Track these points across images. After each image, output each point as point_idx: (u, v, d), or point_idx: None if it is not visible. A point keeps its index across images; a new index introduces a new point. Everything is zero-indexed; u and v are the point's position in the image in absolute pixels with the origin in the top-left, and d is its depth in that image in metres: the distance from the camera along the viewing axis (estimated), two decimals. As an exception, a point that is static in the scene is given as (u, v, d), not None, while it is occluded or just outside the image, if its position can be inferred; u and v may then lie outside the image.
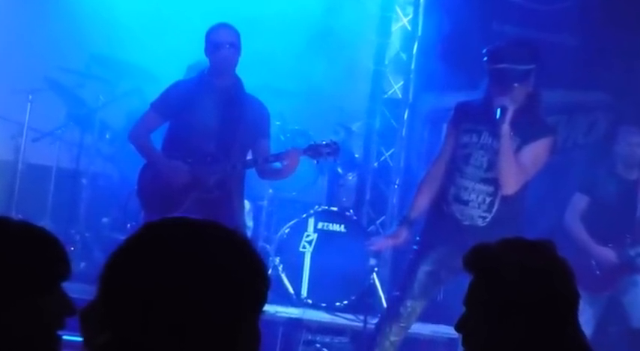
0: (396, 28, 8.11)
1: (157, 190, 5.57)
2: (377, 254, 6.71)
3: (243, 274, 1.62)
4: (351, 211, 7.37)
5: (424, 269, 5.18)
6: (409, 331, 5.40)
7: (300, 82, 7.43)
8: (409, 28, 7.95)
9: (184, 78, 6.26)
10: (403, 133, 7.88)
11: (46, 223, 6.92)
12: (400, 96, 7.96)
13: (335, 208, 7.27)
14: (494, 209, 5.11)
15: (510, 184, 5.06)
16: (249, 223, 7.04)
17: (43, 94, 7.38)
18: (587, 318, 5.74)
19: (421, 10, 7.85)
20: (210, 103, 5.56)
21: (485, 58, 5.07)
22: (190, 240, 1.62)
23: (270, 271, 6.62)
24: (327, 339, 6.46)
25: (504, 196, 5.09)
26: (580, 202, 6.26)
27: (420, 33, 7.84)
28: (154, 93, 5.83)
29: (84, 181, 7.47)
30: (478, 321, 2.18)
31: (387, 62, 8.12)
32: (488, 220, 5.12)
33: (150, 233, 1.65)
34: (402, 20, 8.02)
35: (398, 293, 5.32)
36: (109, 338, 1.59)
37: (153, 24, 7.54)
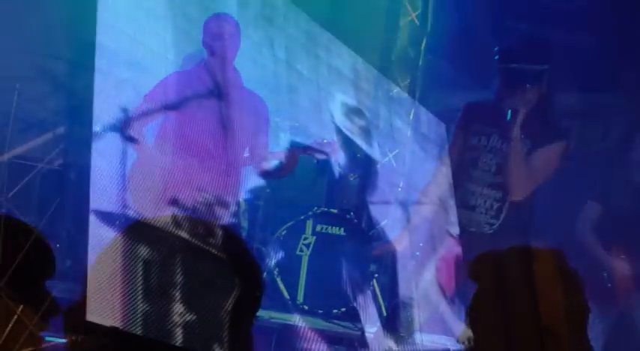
0: (404, 22, 8.10)
1: (148, 186, 5.57)
2: (377, 260, 6.71)
3: (236, 277, 1.62)
4: (352, 213, 7.36)
5: (427, 277, 5.18)
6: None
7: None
8: (418, 22, 7.95)
9: (180, 69, 6.26)
10: (408, 134, 7.87)
11: (30, 218, 6.92)
12: (406, 94, 7.95)
13: (335, 210, 7.27)
14: (502, 216, 5.11)
15: (519, 190, 5.06)
16: (244, 223, 7.03)
17: (31, 83, 7.38)
18: (596, 333, 5.74)
19: (431, 4, 7.84)
20: (207, 96, 5.55)
21: (496, 57, 5.07)
22: (180, 240, 1.62)
23: (264, 275, 6.63)
24: (323, 348, 6.46)
25: (513, 202, 5.09)
26: (593, 210, 6.25)
27: (429, 28, 7.83)
28: (148, 85, 5.83)
29: (72, 175, 7.46)
30: (482, 333, 2.18)
31: (393, 58, 8.11)
32: (495, 226, 5.12)
33: (137, 232, 1.65)
34: (411, 14, 8.02)
35: (398, 301, 5.32)
36: (95, 342, 1.59)
37: (149, 11, 7.53)
